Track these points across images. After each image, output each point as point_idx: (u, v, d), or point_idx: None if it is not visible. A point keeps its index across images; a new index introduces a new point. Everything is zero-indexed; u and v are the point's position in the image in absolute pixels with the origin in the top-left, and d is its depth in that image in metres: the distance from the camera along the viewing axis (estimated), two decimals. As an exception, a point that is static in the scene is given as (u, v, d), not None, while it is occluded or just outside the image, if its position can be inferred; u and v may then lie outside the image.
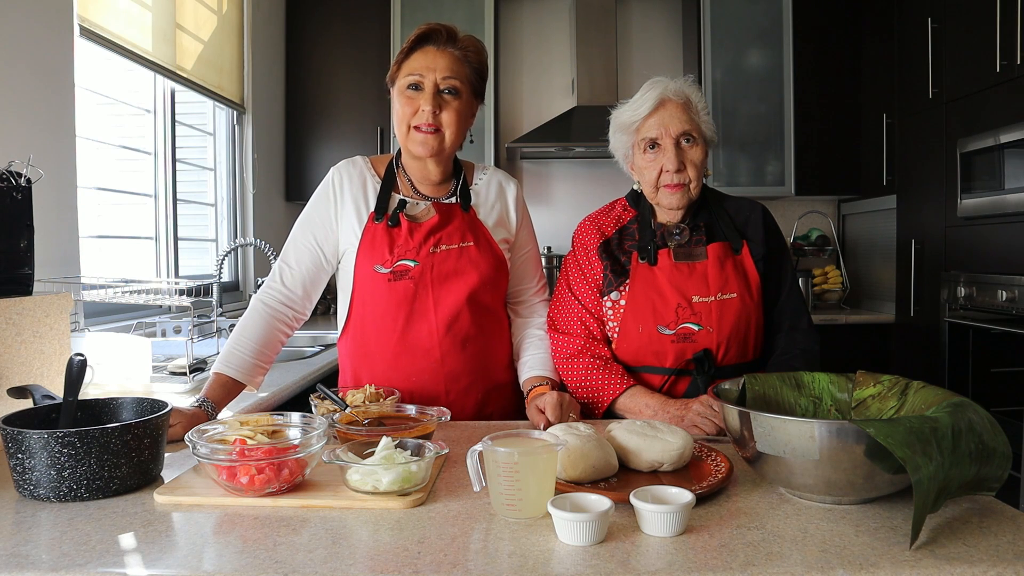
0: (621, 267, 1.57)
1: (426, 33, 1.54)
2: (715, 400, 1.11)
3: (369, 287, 1.55)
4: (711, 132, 1.56)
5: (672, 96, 1.53)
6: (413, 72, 1.52)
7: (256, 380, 1.54)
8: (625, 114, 1.58)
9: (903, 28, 3.35)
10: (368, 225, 1.55)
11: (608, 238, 1.61)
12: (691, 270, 1.52)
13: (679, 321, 1.50)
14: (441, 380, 1.56)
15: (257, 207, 3.55)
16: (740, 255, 1.55)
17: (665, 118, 1.52)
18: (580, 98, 3.81)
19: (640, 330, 1.52)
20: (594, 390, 1.54)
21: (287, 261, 1.60)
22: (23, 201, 1.54)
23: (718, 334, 1.49)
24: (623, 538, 0.88)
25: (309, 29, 3.83)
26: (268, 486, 1.01)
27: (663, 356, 1.52)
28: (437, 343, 1.55)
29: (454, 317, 1.55)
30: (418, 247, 1.53)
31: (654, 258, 1.54)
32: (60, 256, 2.08)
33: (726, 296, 1.51)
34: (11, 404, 1.23)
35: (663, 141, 1.52)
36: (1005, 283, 2.62)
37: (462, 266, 1.55)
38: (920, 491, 0.84)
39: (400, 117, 1.53)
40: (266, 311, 1.56)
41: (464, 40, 1.56)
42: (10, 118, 1.91)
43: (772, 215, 1.64)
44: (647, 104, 1.54)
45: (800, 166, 3.76)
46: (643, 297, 1.53)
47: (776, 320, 1.59)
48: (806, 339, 1.57)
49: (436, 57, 1.52)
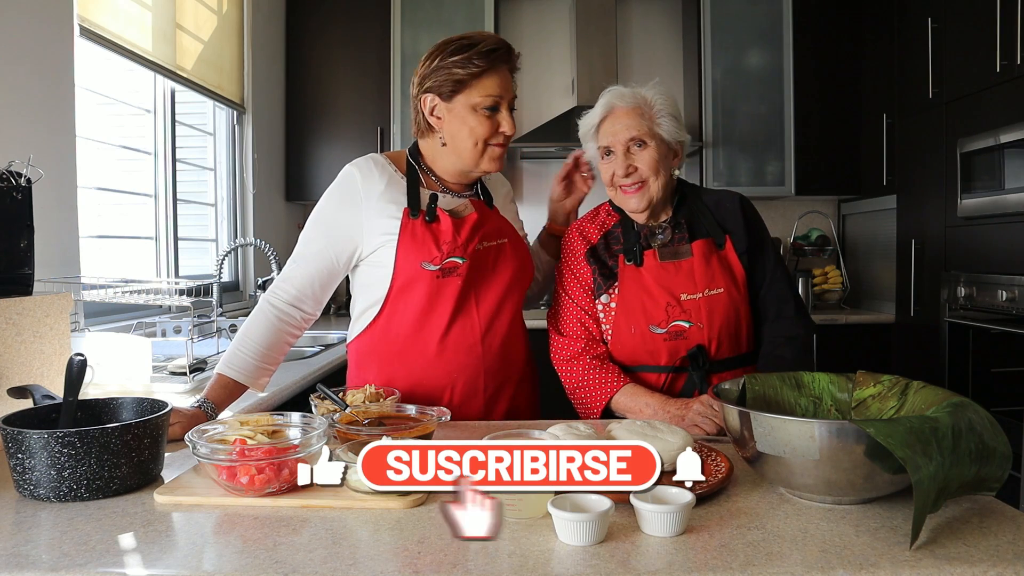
0: (609, 270, 1.60)
1: (504, 56, 1.54)
2: (715, 400, 1.11)
3: (414, 284, 1.52)
4: (672, 134, 1.56)
5: (619, 103, 1.57)
6: (492, 94, 1.51)
7: (260, 382, 1.53)
8: (584, 123, 1.63)
9: (903, 28, 3.35)
10: (405, 221, 1.52)
11: (594, 244, 1.64)
12: (677, 268, 1.54)
13: (669, 319, 1.52)
14: (481, 376, 1.57)
15: (257, 207, 3.55)
16: (724, 250, 1.57)
17: (615, 125, 1.56)
18: (580, 98, 3.81)
19: (632, 330, 1.54)
20: (591, 389, 1.55)
21: (298, 261, 1.56)
22: (23, 201, 1.54)
23: (709, 330, 1.51)
24: (623, 538, 0.88)
25: (309, 29, 3.83)
26: (268, 486, 1.01)
27: (657, 355, 1.53)
28: (480, 339, 1.56)
29: (495, 314, 1.57)
30: (465, 243, 1.53)
31: (640, 259, 1.56)
32: (60, 256, 2.08)
33: (713, 292, 1.52)
34: (11, 404, 1.23)
35: (615, 148, 1.56)
36: (1005, 283, 2.62)
37: (500, 264, 1.59)
38: (920, 491, 0.84)
39: (475, 136, 1.52)
40: (272, 312, 1.53)
41: (517, 55, 1.59)
42: (10, 118, 1.91)
43: (751, 203, 1.65)
44: (596, 114, 1.60)
45: (800, 166, 3.76)
46: (633, 298, 1.55)
47: (761, 310, 1.60)
48: (792, 326, 1.57)
49: (508, 80, 1.55)
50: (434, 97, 1.54)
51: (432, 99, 1.54)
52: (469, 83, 1.50)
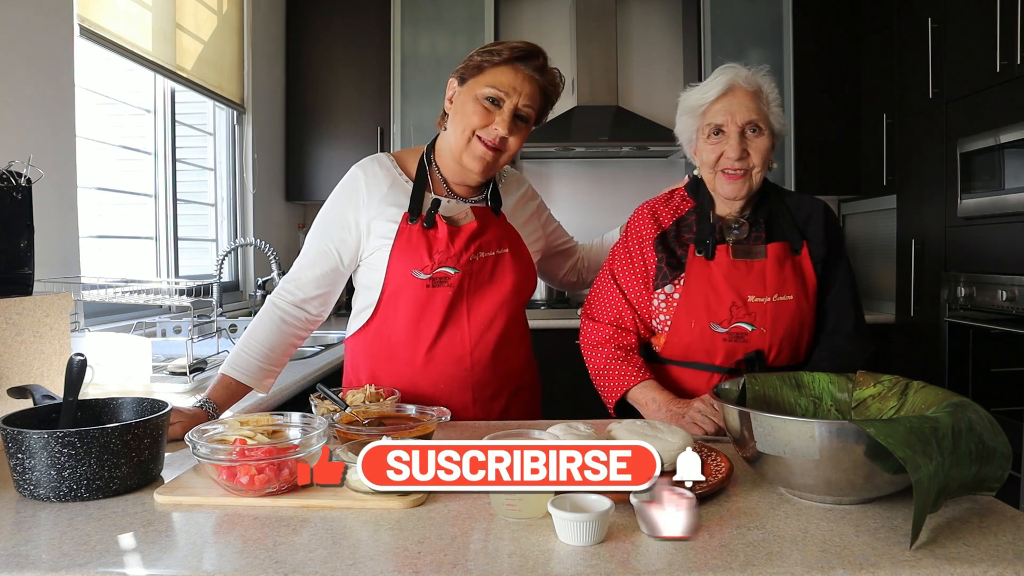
0: (677, 260, 1.53)
1: (527, 53, 1.49)
2: (715, 399, 1.11)
3: (404, 291, 1.51)
4: (780, 125, 1.51)
5: (742, 83, 1.48)
6: (499, 87, 1.47)
7: (264, 384, 1.52)
8: (693, 96, 1.53)
9: (903, 28, 3.35)
10: (402, 226, 1.50)
11: (665, 230, 1.57)
12: (749, 268, 1.48)
13: (732, 320, 1.46)
14: (469, 388, 1.55)
15: (257, 207, 3.55)
16: (799, 255, 1.51)
17: (733, 105, 1.47)
18: (580, 98, 3.81)
19: (692, 326, 1.49)
20: (611, 379, 1.53)
21: (302, 261, 1.56)
22: (23, 201, 1.54)
23: (771, 336, 1.46)
24: (623, 538, 0.88)
25: (309, 29, 3.83)
26: (268, 486, 1.01)
27: (713, 354, 1.48)
28: (469, 351, 1.54)
29: (487, 326, 1.54)
30: (459, 254, 1.50)
31: (712, 252, 1.49)
32: (60, 256, 2.08)
33: (783, 298, 1.47)
34: (11, 404, 1.23)
35: (728, 128, 1.47)
36: (1005, 283, 2.62)
37: (497, 275, 1.55)
38: (920, 491, 0.84)
39: (467, 122, 1.48)
40: (277, 313, 1.53)
41: (551, 72, 1.54)
42: (10, 118, 1.91)
43: (834, 213, 1.59)
44: (715, 89, 1.49)
45: (800, 166, 3.76)
46: (697, 292, 1.49)
47: (820, 321, 1.54)
48: (845, 343, 1.51)
49: (525, 81, 1.48)
50: (454, 81, 1.54)
51: (453, 83, 1.54)
52: (482, 70, 1.49)
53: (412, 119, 3.76)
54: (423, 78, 3.73)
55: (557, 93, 1.57)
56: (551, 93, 1.56)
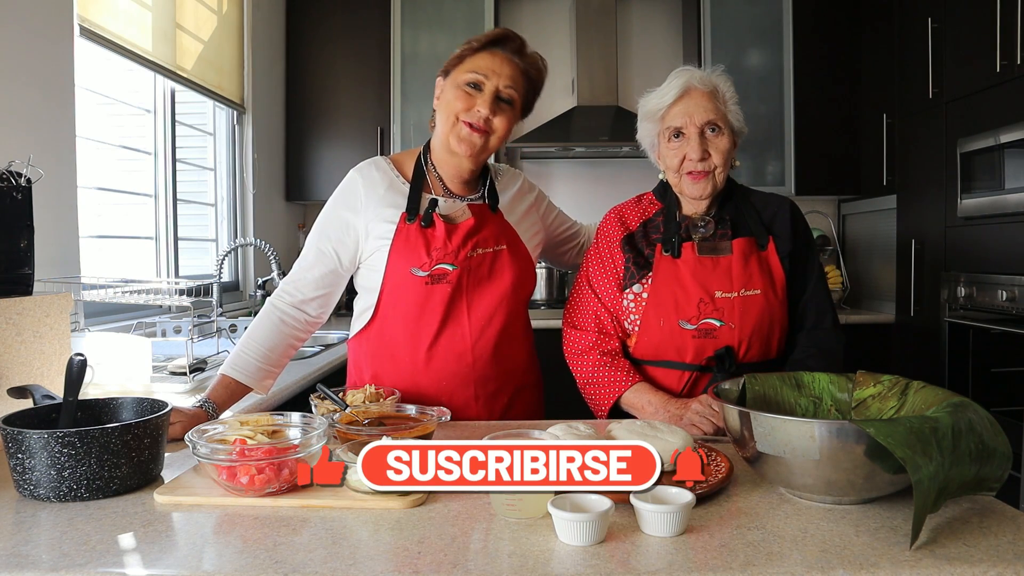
0: (644, 259, 1.55)
1: (501, 37, 1.53)
2: (715, 400, 1.11)
3: (403, 290, 1.52)
4: (739, 123, 1.54)
5: (697, 84, 1.51)
6: (477, 71, 1.50)
7: (264, 384, 1.53)
8: (651, 102, 1.56)
9: (903, 28, 3.35)
10: (400, 226, 1.52)
11: (632, 231, 1.59)
12: (715, 264, 1.50)
13: (701, 316, 1.47)
14: (471, 385, 1.55)
15: (257, 207, 3.55)
16: (765, 251, 1.53)
17: (690, 106, 1.50)
18: (580, 98, 3.81)
19: (661, 324, 1.50)
20: (601, 386, 1.53)
21: (302, 263, 1.58)
22: (23, 201, 1.54)
23: (740, 331, 1.47)
24: (623, 538, 0.88)
25: (309, 29, 3.83)
26: (268, 486, 1.01)
27: (683, 351, 1.49)
28: (470, 348, 1.54)
29: (487, 322, 1.55)
30: (456, 250, 1.51)
31: (678, 251, 1.51)
32: (60, 256, 2.08)
33: (749, 292, 1.48)
34: (11, 404, 1.23)
35: (687, 130, 1.50)
36: (1005, 283, 2.62)
37: (496, 271, 1.56)
38: (920, 491, 0.84)
39: (450, 108, 1.51)
40: (276, 314, 1.54)
41: (531, 56, 1.56)
42: (10, 118, 1.91)
43: (800, 211, 1.62)
44: (672, 92, 1.52)
45: (800, 166, 3.76)
46: (665, 290, 1.50)
47: (799, 318, 1.56)
48: (827, 338, 1.53)
49: (503, 63, 1.51)
50: (440, 79, 1.57)
51: (440, 80, 1.57)
52: (463, 59, 1.53)
53: (412, 119, 3.76)
54: (423, 78, 3.73)
55: (541, 77, 1.59)
56: (534, 77, 1.58)
